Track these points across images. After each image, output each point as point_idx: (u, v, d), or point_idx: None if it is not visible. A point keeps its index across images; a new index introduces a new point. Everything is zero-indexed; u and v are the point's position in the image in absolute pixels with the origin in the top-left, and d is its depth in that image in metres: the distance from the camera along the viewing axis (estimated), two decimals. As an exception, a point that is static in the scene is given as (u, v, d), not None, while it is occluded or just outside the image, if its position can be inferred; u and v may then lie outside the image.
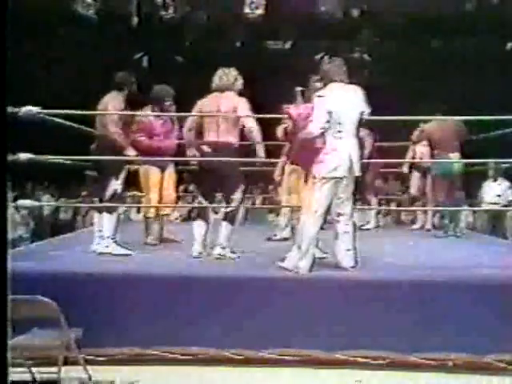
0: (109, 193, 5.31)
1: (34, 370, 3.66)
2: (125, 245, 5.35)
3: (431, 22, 11.18)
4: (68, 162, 6.09)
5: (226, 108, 5.15)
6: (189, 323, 4.14)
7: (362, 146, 4.98)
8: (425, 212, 8.01)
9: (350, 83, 4.63)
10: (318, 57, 11.88)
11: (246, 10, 11.34)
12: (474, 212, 9.38)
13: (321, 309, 4.13)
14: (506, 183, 9.13)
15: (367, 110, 4.62)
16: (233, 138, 5.16)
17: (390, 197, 9.55)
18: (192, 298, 4.20)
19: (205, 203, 5.24)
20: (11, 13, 1.65)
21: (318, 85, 4.89)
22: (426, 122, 7.35)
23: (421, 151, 7.87)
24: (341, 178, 4.47)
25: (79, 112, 5.40)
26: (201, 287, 4.25)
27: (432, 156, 7.19)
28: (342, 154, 4.45)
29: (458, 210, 7.27)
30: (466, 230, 8.14)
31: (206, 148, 5.19)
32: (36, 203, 6.36)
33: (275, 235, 6.43)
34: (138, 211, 8.69)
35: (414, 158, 7.97)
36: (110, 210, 5.31)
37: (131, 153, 5.36)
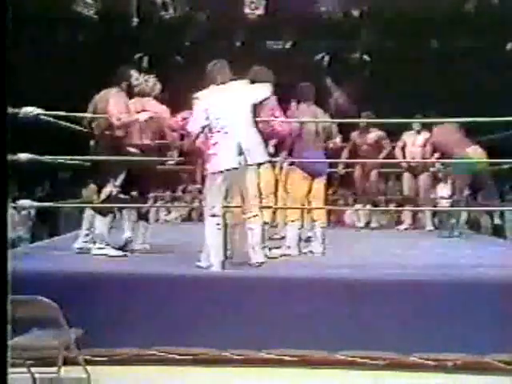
0: (103, 194, 5.22)
1: (33, 370, 3.65)
2: None
3: (431, 22, 11.17)
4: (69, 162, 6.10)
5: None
6: (189, 323, 4.14)
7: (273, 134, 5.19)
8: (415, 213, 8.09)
9: (238, 79, 4.75)
10: (318, 57, 11.90)
11: (246, 10, 11.32)
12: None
13: (321, 308, 4.13)
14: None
15: (265, 95, 4.73)
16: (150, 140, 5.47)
17: (389, 197, 9.56)
18: (192, 297, 4.20)
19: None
20: (11, 13, 1.65)
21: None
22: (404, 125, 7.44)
23: (412, 152, 7.85)
24: (229, 170, 4.51)
25: (79, 114, 5.40)
26: (200, 287, 4.26)
27: (441, 157, 7.17)
28: (227, 147, 4.51)
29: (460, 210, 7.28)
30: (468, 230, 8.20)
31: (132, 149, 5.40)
32: (36, 203, 6.34)
33: (276, 234, 6.49)
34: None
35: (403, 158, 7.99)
36: (103, 212, 5.19)
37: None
